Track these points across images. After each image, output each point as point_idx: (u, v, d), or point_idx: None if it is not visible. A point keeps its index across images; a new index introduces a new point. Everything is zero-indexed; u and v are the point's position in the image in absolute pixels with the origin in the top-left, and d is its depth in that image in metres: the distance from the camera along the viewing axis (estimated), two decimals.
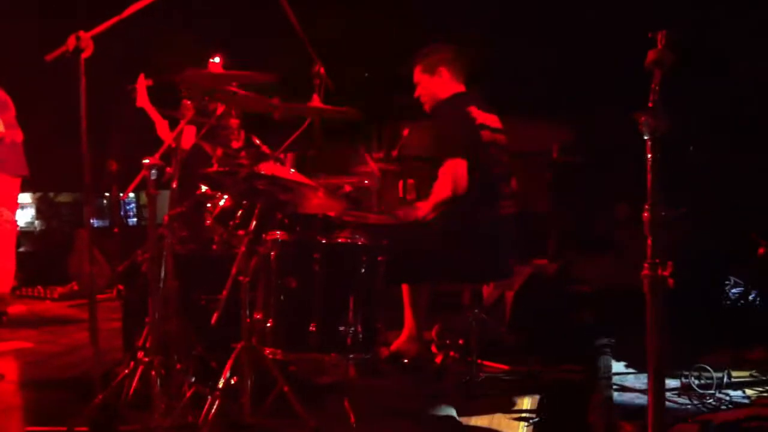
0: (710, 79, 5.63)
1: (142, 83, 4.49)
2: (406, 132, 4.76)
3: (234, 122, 4.38)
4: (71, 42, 2.91)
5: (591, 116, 6.69)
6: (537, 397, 3.81)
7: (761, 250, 4.49)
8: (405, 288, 4.29)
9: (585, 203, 6.48)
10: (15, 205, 5.67)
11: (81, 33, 2.91)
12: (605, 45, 6.31)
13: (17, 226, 5.87)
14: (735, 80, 5.67)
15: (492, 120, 4.14)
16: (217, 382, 3.18)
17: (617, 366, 4.32)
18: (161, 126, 4.67)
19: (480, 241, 3.97)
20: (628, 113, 2.34)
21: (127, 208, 8.80)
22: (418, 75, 4.28)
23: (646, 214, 2.30)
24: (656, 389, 2.40)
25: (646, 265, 2.31)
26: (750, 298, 4.66)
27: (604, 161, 6.41)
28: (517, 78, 6.34)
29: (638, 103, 2.35)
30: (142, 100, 4.51)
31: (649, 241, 2.29)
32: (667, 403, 2.55)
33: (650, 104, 2.29)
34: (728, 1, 5.79)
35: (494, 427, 3.46)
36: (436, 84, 4.22)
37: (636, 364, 4.30)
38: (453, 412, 3.53)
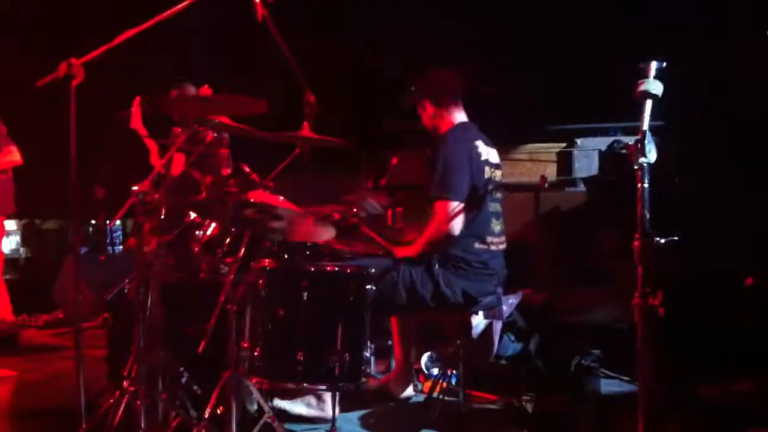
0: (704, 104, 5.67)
1: (138, 106, 4.50)
2: (395, 161, 4.76)
3: (224, 152, 4.39)
4: (62, 69, 2.90)
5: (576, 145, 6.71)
6: (525, 430, 3.79)
7: (749, 281, 4.49)
8: (393, 319, 4.27)
9: (572, 233, 6.48)
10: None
11: (72, 60, 2.90)
12: (592, 72, 6.36)
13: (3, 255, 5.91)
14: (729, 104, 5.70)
15: (493, 155, 4.11)
16: (203, 412, 3.15)
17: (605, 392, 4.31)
18: (151, 150, 4.67)
19: (466, 273, 3.94)
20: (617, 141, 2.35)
21: (114, 235, 8.74)
22: (421, 101, 4.17)
23: (636, 243, 2.30)
24: (646, 419, 2.39)
25: (636, 294, 2.31)
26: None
27: (591, 190, 6.42)
28: (503, 108, 6.35)
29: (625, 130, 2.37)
30: (136, 122, 4.51)
31: (640, 270, 2.30)
32: None
33: (639, 133, 2.31)
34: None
35: None
36: (428, 111, 4.17)
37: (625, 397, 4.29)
38: None
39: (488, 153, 4.05)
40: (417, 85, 4.20)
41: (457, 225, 3.85)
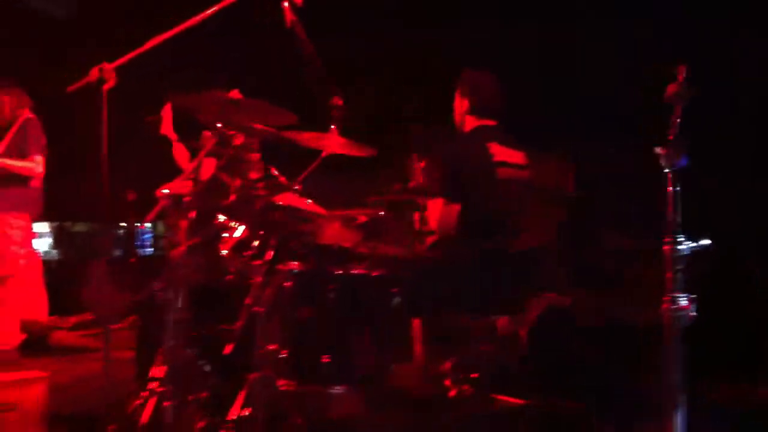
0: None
1: (168, 111, 4.53)
2: (423, 164, 4.76)
3: (254, 156, 4.41)
4: (94, 73, 2.92)
5: (595, 149, 6.66)
6: None
7: None
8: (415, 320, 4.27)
9: (596, 237, 6.43)
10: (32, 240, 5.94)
11: (104, 64, 2.93)
12: (612, 80, 6.32)
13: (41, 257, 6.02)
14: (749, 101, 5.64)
15: (515, 156, 4.10)
16: (229, 413, 3.16)
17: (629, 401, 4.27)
18: (181, 154, 4.70)
19: (480, 275, 3.94)
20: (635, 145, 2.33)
21: (144, 237, 8.82)
22: (462, 96, 4.26)
23: (666, 248, 2.28)
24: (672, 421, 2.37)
25: (665, 299, 2.29)
26: None
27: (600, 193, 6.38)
28: (526, 112, 6.32)
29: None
30: (167, 127, 4.55)
31: (669, 275, 2.28)
32: None
33: (670, 137, 2.29)
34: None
35: None
36: (461, 107, 4.23)
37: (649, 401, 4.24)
38: None
39: (506, 155, 4.06)
40: (464, 80, 4.24)
41: (451, 224, 3.90)
